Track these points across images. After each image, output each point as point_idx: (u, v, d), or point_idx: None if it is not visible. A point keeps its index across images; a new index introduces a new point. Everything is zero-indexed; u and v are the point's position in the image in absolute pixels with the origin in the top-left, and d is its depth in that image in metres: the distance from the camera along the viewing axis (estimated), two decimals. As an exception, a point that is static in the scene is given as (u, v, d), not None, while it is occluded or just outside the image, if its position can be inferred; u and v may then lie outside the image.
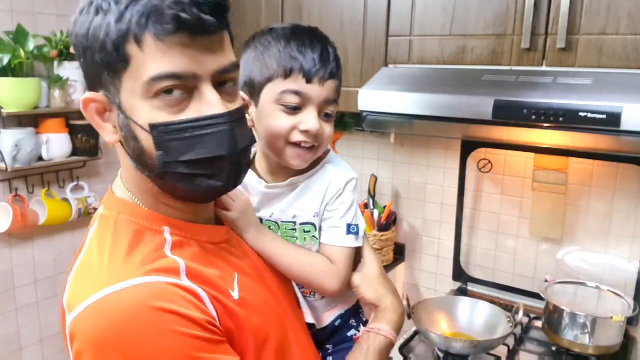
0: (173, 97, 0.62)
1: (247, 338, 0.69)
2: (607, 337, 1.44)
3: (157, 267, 0.64)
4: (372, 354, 0.82)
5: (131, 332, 0.59)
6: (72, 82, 1.89)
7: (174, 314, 0.60)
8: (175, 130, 0.63)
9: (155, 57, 0.61)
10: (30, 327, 2.00)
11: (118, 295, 0.60)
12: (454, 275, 1.92)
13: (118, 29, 0.61)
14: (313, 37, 0.84)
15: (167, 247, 0.67)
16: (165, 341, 0.59)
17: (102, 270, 0.64)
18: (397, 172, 2.02)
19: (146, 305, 0.59)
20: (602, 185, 1.64)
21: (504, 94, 1.27)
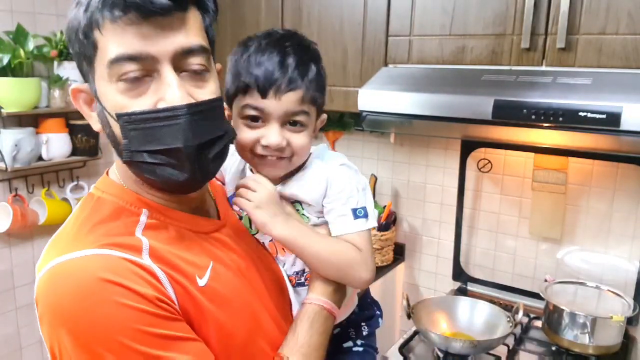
0: (133, 82, 0.64)
1: (208, 328, 0.68)
2: (607, 337, 1.44)
3: (117, 242, 0.65)
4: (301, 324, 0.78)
5: (77, 301, 0.60)
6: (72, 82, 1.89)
7: (121, 287, 0.61)
8: (137, 120, 0.64)
9: (113, 40, 0.63)
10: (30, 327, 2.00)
11: (69, 264, 0.63)
12: (453, 275, 1.92)
13: (86, 17, 0.63)
14: (275, 47, 0.81)
15: (139, 228, 0.69)
16: (109, 311, 0.60)
17: (67, 239, 0.67)
18: (396, 172, 2.02)
19: (94, 275, 0.61)
20: (602, 185, 1.64)
21: (503, 94, 1.27)
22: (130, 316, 0.60)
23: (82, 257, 0.63)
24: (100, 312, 0.60)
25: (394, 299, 2.06)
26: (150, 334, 0.61)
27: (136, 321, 0.61)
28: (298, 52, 0.82)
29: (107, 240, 0.65)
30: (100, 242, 0.64)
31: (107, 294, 0.60)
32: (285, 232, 0.80)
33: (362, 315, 1.01)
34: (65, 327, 0.61)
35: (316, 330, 0.78)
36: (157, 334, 0.61)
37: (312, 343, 0.77)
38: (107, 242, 0.64)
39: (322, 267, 0.82)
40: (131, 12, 0.61)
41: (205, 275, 0.70)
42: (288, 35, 0.85)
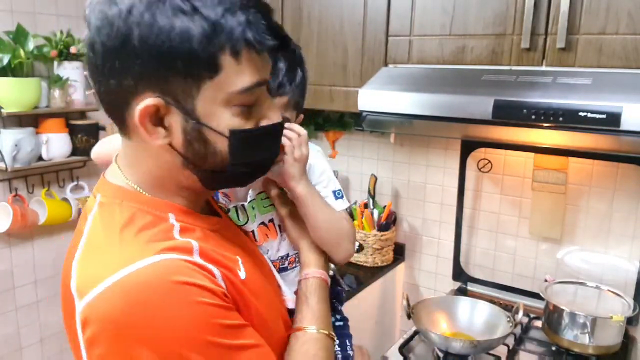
0: (249, 107, 0.67)
1: (252, 319, 0.70)
2: (607, 337, 1.44)
3: (171, 246, 0.64)
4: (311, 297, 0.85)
5: (155, 309, 0.59)
6: (72, 82, 1.89)
7: (194, 286, 0.61)
8: (251, 136, 0.68)
9: (249, 70, 0.64)
10: (30, 327, 2.00)
11: (138, 274, 0.60)
12: (454, 275, 1.92)
13: (215, 39, 0.60)
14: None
15: (175, 231, 0.68)
16: (190, 312, 0.60)
17: (114, 252, 0.63)
18: (397, 172, 2.02)
19: (168, 280, 0.60)
20: (602, 185, 1.64)
21: (503, 94, 1.27)
22: (209, 312, 0.61)
23: (149, 266, 0.61)
24: (182, 315, 0.60)
25: (394, 299, 2.06)
26: (226, 325, 0.63)
27: (214, 316, 0.62)
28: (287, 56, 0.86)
29: (162, 246, 0.64)
30: (156, 248, 0.63)
31: (185, 295, 0.60)
32: (305, 191, 0.87)
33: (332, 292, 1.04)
34: (142, 341, 0.59)
35: (323, 299, 0.85)
36: (230, 324, 0.64)
37: (324, 311, 0.84)
38: (163, 248, 0.63)
39: (323, 231, 0.89)
40: (272, 47, 0.64)
41: (242, 269, 0.73)
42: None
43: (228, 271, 0.68)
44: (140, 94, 0.62)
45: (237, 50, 0.61)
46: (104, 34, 0.60)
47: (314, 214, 0.88)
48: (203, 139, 0.66)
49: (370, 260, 1.92)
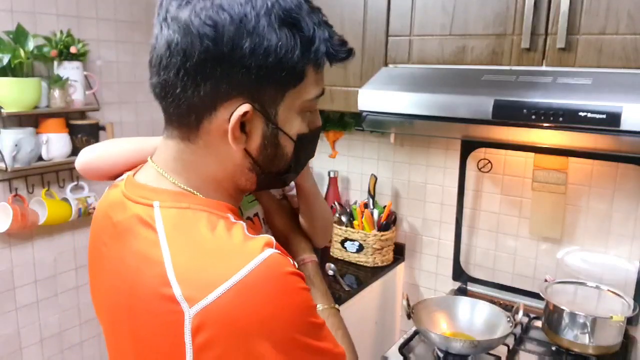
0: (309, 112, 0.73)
1: None
2: (607, 337, 1.44)
3: (266, 242, 0.66)
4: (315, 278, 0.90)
5: (276, 299, 0.62)
6: (72, 82, 1.89)
7: (296, 275, 0.66)
8: (310, 139, 0.76)
9: (316, 80, 0.70)
10: (30, 327, 2.00)
11: (256, 272, 0.61)
12: (454, 275, 1.92)
13: (307, 52, 0.66)
14: None
15: (245, 229, 0.69)
16: (300, 297, 0.65)
17: (219, 255, 0.63)
18: (397, 172, 2.02)
19: (282, 271, 0.63)
20: (602, 185, 1.64)
21: (504, 94, 1.27)
22: (308, 297, 0.67)
23: (263, 262, 0.62)
24: (295, 301, 0.64)
25: (394, 299, 2.06)
26: (315, 307, 0.69)
27: (311, 299, 0.67)
28: None
29: (261, 242, 0.65)
30: (258, 245, 0.64)
31: (295, 283, 0.65)
32: (311, 184, 0.93)
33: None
34: (262, 335, 0.61)
35: (322, 279, 0.91)
36: (315, 305, 0.70)
37: (327, 289, 0.90)
38: (263, 244, 0.65)
39: (320, 221, 0.96)
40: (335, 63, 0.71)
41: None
42: None
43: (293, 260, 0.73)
44: (230, 100, 0.64)
45: (320, 63, 0.68)
46: (211, 38, 0.61)
47: (316, 204, 0.94)
48: (276, 143, 0.70)
49: (370, 260, 1.92)
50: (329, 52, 0.68)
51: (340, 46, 0.70)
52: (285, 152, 0.72)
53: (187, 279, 0.62)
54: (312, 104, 0.72)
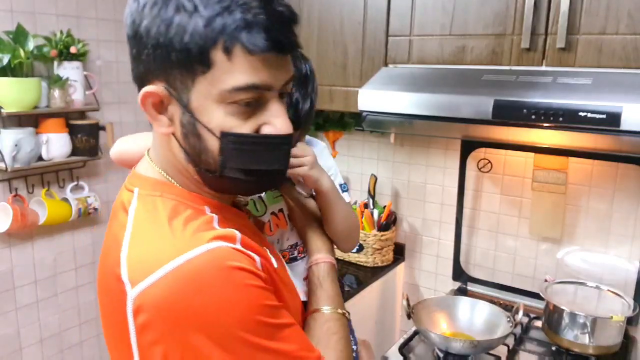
0: (247, 107, 0.67)
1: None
2: (607, 337, 1.44)
3: (219, 235, 0.67)
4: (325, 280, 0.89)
5: (213, 292, 0.62)
6: (72, 82, 1.89)
7: (245, 270, 0.65)
8: (244, 142, 0.67)
9: (242, 70, 0.64)
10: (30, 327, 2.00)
11: (194, 261, 0.63)
12: (454, 275, 1.92)
13: (207, 34, 0.62)
14: None
15: (215, 222, 0.71)
16: (244, 295, 0.64)
17: (166, 242, 0.66)
18: (397, 172, 2.02)
19: (223, 265, 0.63)
20: (602, 185, 1.64)
21: (504, 94, 1.27)
22: (258, 294, 0.65)
23: (204, 253, 0.63)
24: (237, 297, 0.63)
25: (394, 299, 2.06)
26: (269, 306, 0.67)
27: (262, 298, 0.66)
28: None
29: (211, 234, 0.66)
30: (207, 237, 0.66)
31: (239, 279, 0.64)
32: (330, 186, 0.92)
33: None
34: (198, 328, 0.61)
35: (334, 281, 0.90)
36: (272, 305, 0.67)
37: (337, 291, 0.88)
38: (213, 236, 0.66)
39: (341, 223, 0.94)
40: (272, 51, 0.64)
41: (272, 259, 0.76)
42: None
43: (264, 259, 0.72)
44: (150, 82, 0.68)
45: (229, 48, 0.63)
46: (127, 24, 0.67)
47: (335, 207, 0.93)
48: (197, 133, 0.68)
49: (370, 260, 1.92)
50: (240, 38, 0.62)
51: (266, 37, 0.63)
52: (209, 147, 0.68)
53: (133, 261, 0.66)
54: (240, 97, 0.65)
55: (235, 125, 0.67)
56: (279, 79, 0.67)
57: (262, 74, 0.65)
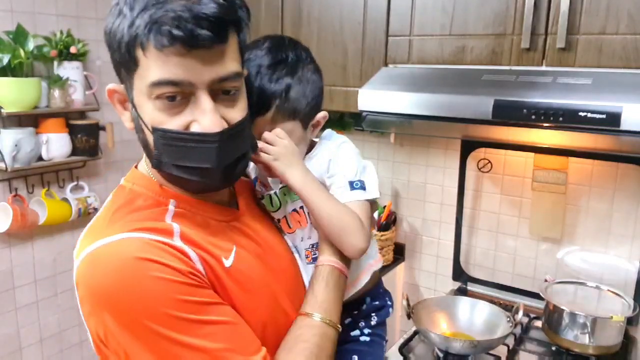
0: (172, 102, 0.69)
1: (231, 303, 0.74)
2: (607, 337, 1.44)
3: (148, 227, 0.71)
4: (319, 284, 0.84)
5: (117, 281, 0.66)
6: (72, 82, 1.89)
7: (156, 263, 0.66)
8: (171, 138, 0.70)
9: (156, 65, 0.67)
10: (30, 327, 2.00)
11: (105, 248, 0.68)
12: (454, 275, 1.92)
13: (129, 33, 0.67)
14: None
15: (168, 215, 0.75)
16: (150, 286, 0.66)
17: (101, 227, 0.73)
18: (397, 172, 2.02)
19: (130, 256, 0.67)
20: (602, 185, 1.64)
21: (503, 94, 1.27)
22: (169, 288, 0.66)
23: (118, 241, 0.68)
24: (142, 288, 0.65)
25: (394, 299, 2.05)
26: (187, 301, 0.67)
27: (175, 292, 0.66)
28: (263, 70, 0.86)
29: (139, 225, 0.70)
30: (132, 227, 0.70)
31: (146, 270, 0.66)
32: (300, 181, 0.85)
33: (373, 305, 1.04)
34: (107, 309, 0.66)
35: (332, 288, 0.84)
36: (195, 300, 0.67)
37: (330, 299, 0.83)
38: (138, 227, 0.70)
39: (325, 224, 0.86)
40: (177, 44, 0.65)
41: (230, 257, 0.76)
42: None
43: (210, 256, 0.73)
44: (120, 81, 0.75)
45: (144, 45, 0.67)
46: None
47: (312, 206, 0.85)
48: (141, 129, 0.73)
49: (370, 260, 1.92)
50: (148, 35, 0.66)
51: (167, 32, 0.64)
52: (148, 142, 0.73)
53: (80, 240, 0.74)
54: (159, 91, 0.68)
55: (164, 121, 0.70)
56: (201, 75, 0.67)
57: (176, 70, 0.66)
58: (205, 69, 0.68)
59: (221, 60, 0.69)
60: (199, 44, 0.65)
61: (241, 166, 0.78)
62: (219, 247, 0.76)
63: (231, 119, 0.73)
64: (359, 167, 0.91)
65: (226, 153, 0.72)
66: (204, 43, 0.66)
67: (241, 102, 0.75)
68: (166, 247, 0.69)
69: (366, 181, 0.91)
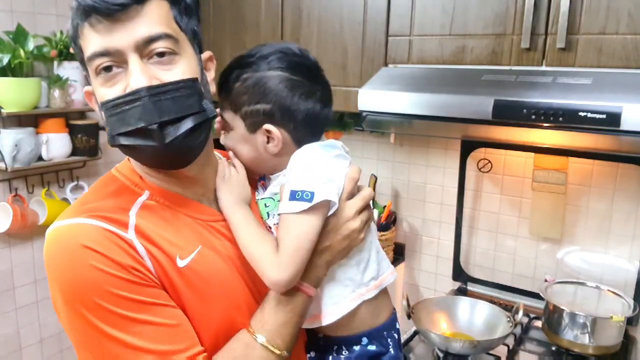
0: (109, 73, 0.71)
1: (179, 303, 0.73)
2: (607, 337, 1.44)
3: (104, 215, 0.72)
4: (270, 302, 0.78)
5: (62, 262, 0.70)
6: (72, 82, 1.89)
7: (98, 253, 0.68)
8: (110, 107, 0.71)
9: (87, 42, 0.71)
10: (30, 327, 2.00)
11: (59, 230, 0.72)
12: (454, 275, 1.92)
13: (72, 26, 0.72)
14: None
15: (135, 206, 0.76)
16: (86, 274, 0.68)
17: (71, 207, 0.77)
18: (396, 172, 2.02)
19: (76, 241, 0.69)
20: (602, 185, 1.64)
21: (503, 94, 1.27)
22: (104, 279, 0.68)
23: (70, 225, 0.72)
24: (78, 274, 0.68)
25: (394, 299, 2.05)
26: (122, 297, 0.68)
27: (110, 284, 0.68)
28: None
29: (97, 213, 0.72)
30: (91, 213, 0.72)
31: (86, 258, 0.68)
32: (227, 211, 0.82)
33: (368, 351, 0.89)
34: (57, 283, 0.71)
35: (282, 308, 0.78)
36: (130, 298, 0.69)
37: (277, 320, 0.78)
38: (96, 214, 0.72)
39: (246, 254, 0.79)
40: (92, 15, 0.68)
41: (188, 257, 0.75)
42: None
43: (162, 254, 0.73)
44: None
45: (78, 31, 0.72)
46: None
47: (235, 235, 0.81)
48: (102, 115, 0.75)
49: (370, 260, 1.92)
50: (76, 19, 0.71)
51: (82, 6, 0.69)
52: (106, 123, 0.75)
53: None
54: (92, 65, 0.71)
55: (106, 93, 0.72)
56: (124, 40, 0.69)
57: (100, 40, 0.69)
58: (127, 33, 0.69)
59: (143, 22, 0.70)
60: (110, 7, 0.67)
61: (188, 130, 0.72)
62: (178, 245, 0.75)
63: (167, 80, 0.72)
64: (311, 174, 0.80)
65: (158, 109, 0.70)
66: (116, 7, 0.68)
67: (181, 66, 0.73)
68: (116, 238, 0.70)
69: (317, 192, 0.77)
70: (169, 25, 0.73)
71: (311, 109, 0.86)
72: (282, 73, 0.84)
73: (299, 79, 0.85)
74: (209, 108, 0.76)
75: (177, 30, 0.74)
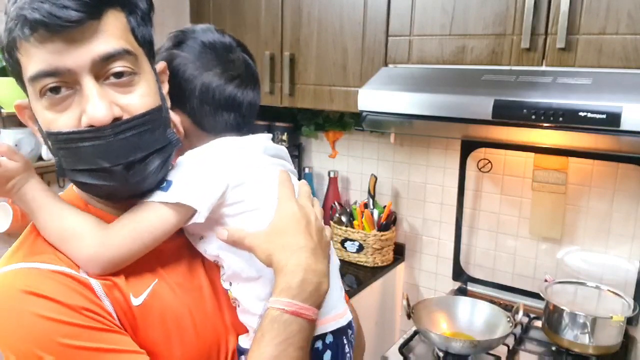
0: (57, 95, 0.61)
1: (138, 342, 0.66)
2: (607, 337, 1.44)
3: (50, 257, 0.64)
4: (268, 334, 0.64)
5: (3, 311, 0.61)
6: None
7: (42, 298, 0.60)
8: (63, 140, 0.62)
9: (30, 59, 0.60)
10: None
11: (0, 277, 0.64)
12: (454, 275, 1.92)
13: (6, 37, 0.62)
14: None
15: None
16: (26, 323, 0.60)
17: (10, 251, 0.68)
18: (397, 172, 2.02)
19: (14, 288, 0.61)
20: (602, 185, 1.64)
21: (503, 94, 1.27)
22: (48, 328, 0.59)
23: (10, 271, 0.63)
24: (18, 324, 0.60)
25: (394, 299, 2.06)
26: (70, 346, 0.59)
27: (54, 333, 0.59)
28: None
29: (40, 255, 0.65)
30: (33, 256, 0.64)
31: (26, 305, 0.60)
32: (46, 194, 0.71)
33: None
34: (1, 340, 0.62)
35: (270, 341, 0.63)
36: (79, 346, 0.60)
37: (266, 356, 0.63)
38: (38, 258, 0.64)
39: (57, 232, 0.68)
40: (39, 30, 0.58)
41: (142, 295, 0.68)
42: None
43: (118, 292, 0.66)
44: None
45: (16, 43, 0.61)
46: None
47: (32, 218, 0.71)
48: (45, 139, 0.66)
49: (370, 260, 1.92)
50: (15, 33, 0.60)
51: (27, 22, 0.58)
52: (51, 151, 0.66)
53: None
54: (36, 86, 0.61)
55: (54, 119, 0.62)
56: (77, 59, 0.60)
57: (48, 57, 0.59)
58: (81, 51, 0.60)
59: (99, 38, 0.61)
60: (63, 24, 0.58)
61: (157, 164, 0.66)
62: (132, 281, 0.67)
63: (127, 105, 0.63)
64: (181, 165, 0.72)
65: (124, 148, 0.62)
66: (68, 23, 0.58)
67: (141, 88, 0.65)
68: (64, 278, 0.62)
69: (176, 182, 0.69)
70: (127, 39, 0.64)
71: (213, 88, 0.76)
72: (178, 52, 0.77)
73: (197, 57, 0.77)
74: (173, 138, 0.69)
75: (134, 45, 0.65)
